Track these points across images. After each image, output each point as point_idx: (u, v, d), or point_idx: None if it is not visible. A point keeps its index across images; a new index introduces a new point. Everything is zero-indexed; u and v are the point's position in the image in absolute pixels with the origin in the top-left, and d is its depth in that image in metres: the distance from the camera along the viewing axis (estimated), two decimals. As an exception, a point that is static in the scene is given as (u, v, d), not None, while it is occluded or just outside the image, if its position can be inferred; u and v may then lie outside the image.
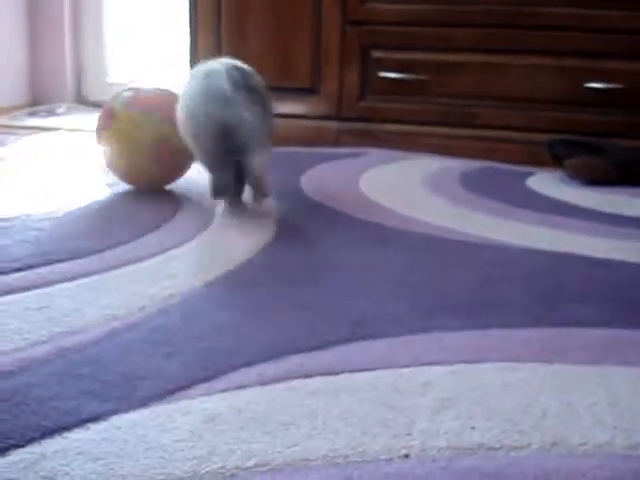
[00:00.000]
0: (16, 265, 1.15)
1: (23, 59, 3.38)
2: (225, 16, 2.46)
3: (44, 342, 0.88)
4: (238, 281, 1.12)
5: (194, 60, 2.49)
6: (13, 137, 2.57)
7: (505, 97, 2.27)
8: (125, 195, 1.66)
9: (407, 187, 1.83)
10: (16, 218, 1.44)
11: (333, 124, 2.39)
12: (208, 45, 2.48)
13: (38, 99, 3.45)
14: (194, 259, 1.22)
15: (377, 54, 2.34)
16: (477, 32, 2.25)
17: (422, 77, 2.30)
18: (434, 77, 2.29)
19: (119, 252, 1.24)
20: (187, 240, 1.32)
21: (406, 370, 0.85)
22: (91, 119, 2.97)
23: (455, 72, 2.28)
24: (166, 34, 3.39)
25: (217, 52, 2.45)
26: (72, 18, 3.43)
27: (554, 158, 2.09)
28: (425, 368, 0.86)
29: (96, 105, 3.40)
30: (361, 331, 0.94)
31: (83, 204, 1.56)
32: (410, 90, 2.32)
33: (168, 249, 1.26)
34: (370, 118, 2.36)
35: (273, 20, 2.41)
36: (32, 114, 3.22)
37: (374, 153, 2.24)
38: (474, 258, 1.29)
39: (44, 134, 2.64)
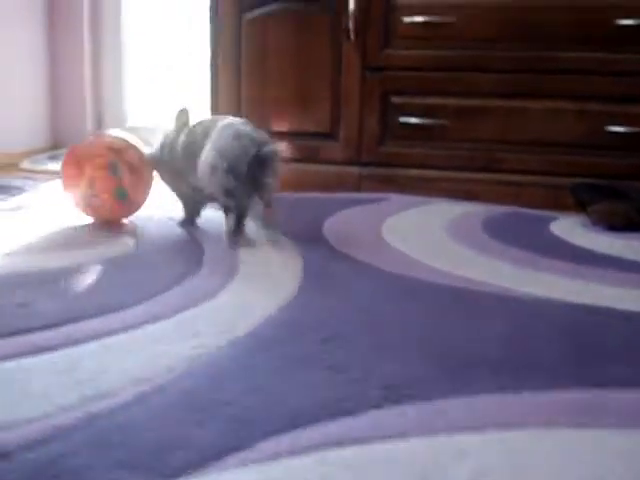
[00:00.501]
0: (43, 322, 1.15)
1: (44, 103, 3.42)
2: (245, 61, 2.48)
3: (73, 407, 0.88)
4: (264, 339, 1.11)
5: (215, 104, 2.51)
6: (32, 182, 2.58)
7: (526, 141, 2.26)
8: (146, 245, 1.66)
9: (430, 234, 1.82)
10: (42, 271, 1.44)
11: (354, 169, 2.39)
12: (229, 90, 2.50)
13: (58, 143, 3.48)
14: (218, 316, 1.21)
15: (397, 99, 2.35)
16: (498, 77, 2.25)
17: (443, 122, 2.30)
18: (455, 122, 2.29)
19: (143, 309, 1.24)
20: (211, 295, 1.32)
21: (440, 438, 0.83)
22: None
23: (476, 117, 2.28)
24: (185, 78, 3.42)
25: (237, 96, 2.47)
26: (92, 63, 3.47)
27: (577, 203, 2.08)
28: (459, 436, 0.84)
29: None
30: (392, 396, 0.93)
31: (104, 255, 1.56)
32: (431, 135, 2.32)
33: (192, 305, 1.26)
34: (391, 163, 2.36)
35: (293, 65, 2.43)
36: (52, 158, 3.25)
37: (395, 198, 2.24)
38: (502, 312, 1.27)
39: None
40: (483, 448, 0.81)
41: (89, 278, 1.40)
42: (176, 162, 1.80)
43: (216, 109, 2.52)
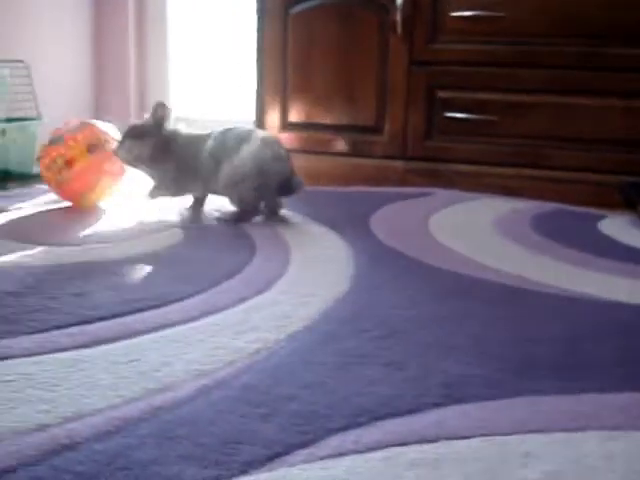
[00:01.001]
0: (101, 313, 1.16)
1: (88, 96, 3.45)
2: (291, 54, 2.47)
3: (137, 400, 0.88)
4: (321, 334, 1.11)
5: (260, 97, 2.52)
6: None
7: (574, 138, 2.24)
8: (195, 237, 1.67)
9: (478, 231, 1.81)
10: (96, 261, 1.46)
11: (398, 163, 2.38)
12: (274, 83, 2.50)
13: (103, 134, 3.50)
14: (275, 309, 1.21)
15: (443, 94, 2.33)
16: (546, 72, 2.23)
17: (489, 117, 2.28)
18: (501, 117, 2.27)
19: (199, 300, 1.25)
20: (265, 287, 1.32)
21: (506, 438, 0.82)
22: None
23: (523, 112, 2.25)
24: (230, 71, 3.42)
25: (282, 90, 2.47)
26: (137, 55, 3.49)
27: (625, 201, 2.05)
28: (525, 436, 0.83)
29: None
30: (454, 394, 0.92)
31: (155, 247, 1.57)
32: (477, 130, 2.30)
33: (248, 298, 1.26)
34: (436, 158, 2.35)
35: (339, 59, 2.42)
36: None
37: (441, 193, 2.23)
38: (557, 312, 1.26)
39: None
40: (550, 450, 0.80)
41: (142, 270, 1.41)
42: (191, 161, 1.84)
43: (261, 102, 2.52)
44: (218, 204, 1.92)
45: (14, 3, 2.89)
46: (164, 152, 1.85)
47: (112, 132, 1.97)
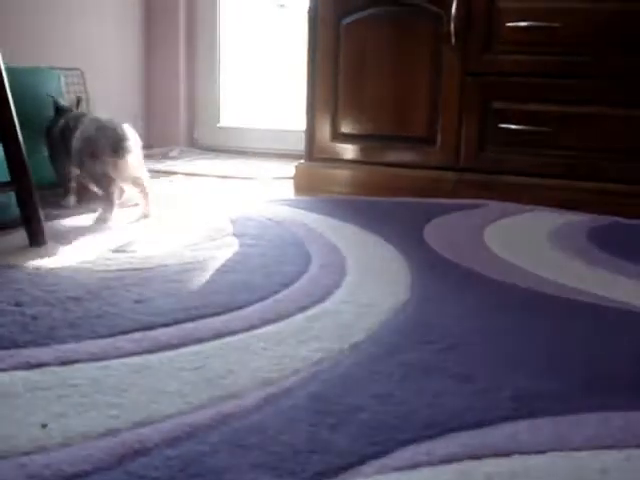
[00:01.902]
0: (163, 320, 1.17)
1: (139, 105, 3.49)
2: (343, 65, 2.48)
3: (205, 407, 0.88)
4: (383, 344, 1.10)
5: (311, 107, 2.52)
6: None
7: (629, 150, 2.20)
8: (250, 244, 1.68)
9: (534, 243, 1.79)
10: (154, 268, 1.47)
11: (450, 175, 2.37)
12: (326, 94, 2.50)
13: (152, 142, 3.55)
14: (336, 318, 1.20)
15: (497, 105, 2.31)
16: (601, 83, 2.20)
17: (543, 129, 2.26)
18: (556, 129, 2.25)
19: (259, 309, 1.24)
20: (325, 296, 1.32)
21: (580, 454, 0.81)
22: (204, 163, 3.04)
23: (578, 124, 2.23)
24: (280, 80, 3.44)
25: (334, 100, 2.48)
26: (186, 63, 3.52)
27: None
28: (599, 452, 0.81)
29: (207, 149, 3.48)
30: (525, 408, 0.90)
31: (216, 254, 1.58)
32: (531, 142, 2.28)
33: (308, 306, 1.26)
34: (489, 169, 2.33)
35: (391, 69, 2.42)
36: (147, 156, 3.31)
37: (494, 205, 2.21)
38: (621, 326, 1.23)
39: (163, 179, 2.70)
40: (626, 467, 0.78)
41: (200, 277, 1.42)
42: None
43: (312, 113, 2.53)
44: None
45: (71, 15, 2.94)
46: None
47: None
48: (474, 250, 1.71)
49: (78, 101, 2.25)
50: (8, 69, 1.56)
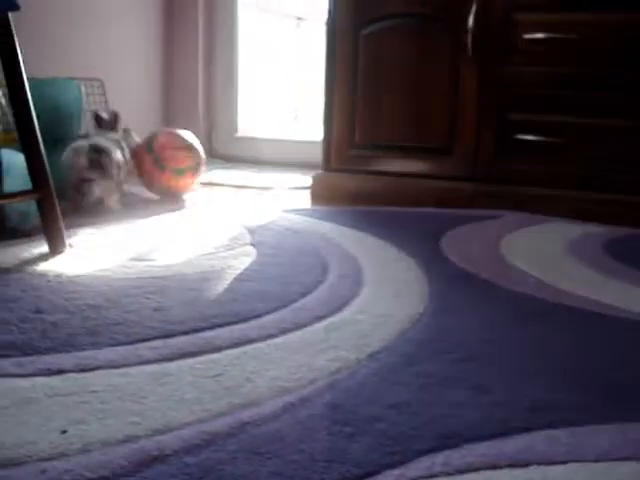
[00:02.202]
0: (182, 328, 1.18)
1: (159, 116, 3.51)
2: (361, 75, 2.48)
3: (224, 414, 0.89)
4: (400, 355, 1.10)
5: (329, 117, 2.53)
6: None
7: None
8: (267, 254, 1.68)
9: (551, 254, 1.78)
10: (173, 277, 1.48)
11: (467, 185, 2.37)
12: (343, 104, 2.51)
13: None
14: (353, 328, 1.21)
15: (515, 116, 2.31)
16: (617, 95, 2.19)
17: (561, 140, 2.25)
18: (573, 140, 2.24)
19: (277, 318, 1.25)
20: (342, 306, 1.33)
21: (597, 465, 0.81)
22: (222, 173, 3.06)
23: (595, 135, 2.22)
24: (299, 92, 3.46)
25: (351, 110, 2.48)
26: (205, 73, 3.54)
27: None
28: (615, 464, 0.81)
29: (225, 159, 3.50)
30: (541, 419, 0.90)
31: (234, 263, 1.59)
32: (548, 153, 2.28)
33: (326, 315, 1.27)
34: (506, 180, 2.33)
35: (409, 80, 2.42)
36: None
37: (511, 216, 2.21)
38: (638, 337, 1.23)
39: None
40: (644, 479, 0.78)
41: (218, 286, 1.43)
42: None
43: (330, 123, 2.54)
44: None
45: (92, 26, 2.97)
46: None
47: None
48: (491, 261, 1.71)
49: (115, 116, 2.35)
50: (29, 80, 1.57)
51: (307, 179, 2.72)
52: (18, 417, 0.88)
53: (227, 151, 3.59)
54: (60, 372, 1.01)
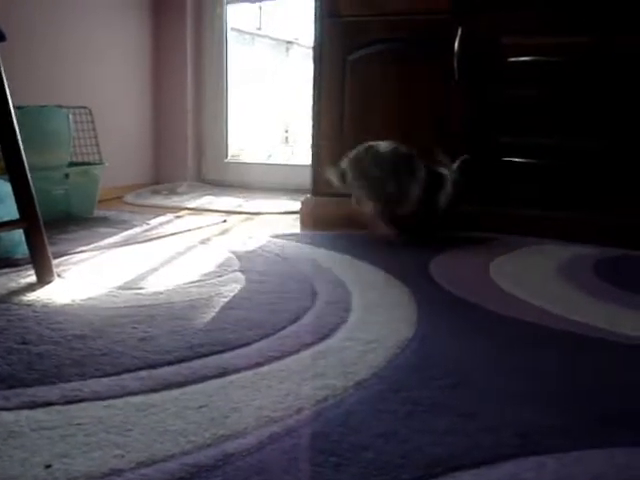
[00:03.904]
0: (168, 358, 1.17)
1: (148, 142, 3.52)
2: (348, 100, 2.50)
3: (209, 446, 0.88)
4: (388, 382, 1.10)
5: (317, 143, 2.54)
6: (139, 216, 2.64)
7: (635, 183, 2.20)
8: (256, 280, 1.68)
9: (541, 277, 1.79)
10: (160, 305, 1.47)
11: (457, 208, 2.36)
12: (331, 128, 2.52)
13: (160, 178, 3.57)
14: (340, 355, 1.20)
15: (502, 139, 2.32)
16: (603, 117, 2.21)
17: (548, 162, 2.26)
18: (560, 162, 2.26)
19: (264, 346, 1.24)
20: (329, 333, 1.32)
21: (585, 493, 0.80)
22: (211, 199, 3.05)
23: (582, 157, 2.23)
24: (287, 116, 3.47)
25: (340, 135, 2.49)
26: (195, 100, 3.55)
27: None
28: (604, 491, 0.81)
29: (213, 184, 3.50)
30: (529, 445, 0.90)
31: (222, 290, 1.58)
32: (536, 175, 2.28)
33: (313, 343, 1.26)
34: (494, 203, 2.33)
35: (396, 104, 2.45)
36: (155, 192, 3.34)
37: (501, 239, 2.21)
38: (627, 361, 1.22)
39: (169, 215, 2.72)
40: (633, 506, 0.78)
41: (206, 314, 1.42)
42: None
43: (318, 147, 2.54)
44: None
45: (79, 54, 2.98)
46: None
47: None
48: (480, 285, 1.71)
49: None
50: (17, 108, 1.58)
51: (297, 204, 2.72)
52: (2, 451, 0.87)
53: (217, 176, 3.60)
54: (45, 404, 1.00)
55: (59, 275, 1.70)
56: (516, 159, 2.29)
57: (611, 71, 2.18)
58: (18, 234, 1.76)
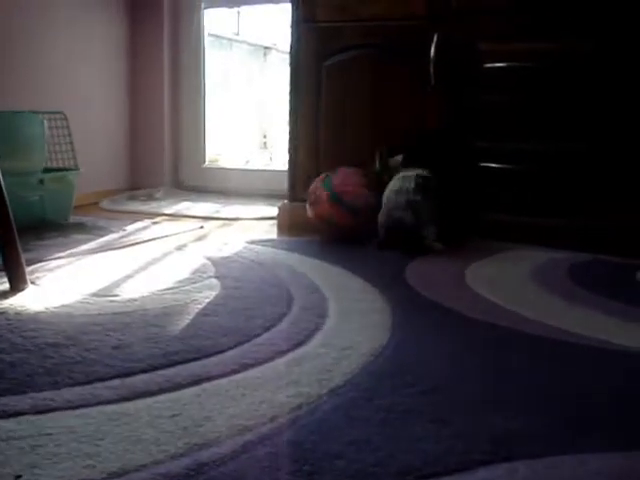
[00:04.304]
0: (142, 366, 1.16)
1: (124, 148, 3.50)
2: (324, 106, 2.50)
3: (181, 455, 0.88)
4: (362, 389, 1.10)
5: (294, 150, 2.54)
6: (115, 222, 2.63)
7: (611, 187, 2.22)
8: (235, 288, 1.67)
9: (516, 281, 1.80)
10: (135, 312, 1.46)
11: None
12: (307, 133, 2.52)
13: (136, 184, 3.55)
14: (315, 362, 1.20)
15: (478, 144, 2.34)
16: (581, 122, 2.22)
17: (524, 167, 2.28)
18: (536, 167, 2.27)
19: (239, 353, 1.24)
20: (305, 340, 1.32)
21: (557, 499, 0.80)
22: (188, 205, 3.04)
23: (558, 162, 2.25)
24: (264, 121, 3.47)
25: (316, 140, 2.49)
26: (171, 106, 3.54)
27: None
28: (575, 496, 0.81)
29: (191, 189, 3.49)
30: (502, 451, 0.90)
31: (197, 297, 1.58)
32: (512, 180, 2.30)
33: (287, 350, 1.26)
34: (473, 208, 2.34)
35: (372, 109, 2.46)
36: (132, 197, 3.32)
37: (476, 244, 2.22)
38: (600, 365, 1.23)
39: (146, 221, 2.70)
40: (603, 512, 0.78)
41: (180, 321, 1.41)
42: None
43: (294, 152, 2.54)
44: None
45: (54, 58, 2.96)
46: None
47: None
48: (456, 289, 1.71)
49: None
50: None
51: (274, 209, 2.72)
52: (-29, 463, 0.86)
53: (194, 182, 3.59)
54: (16, 414, 0.99)
55: (33, 282, 1.69)
56: (492, 164, 2.30)
57: (585, 76, 2.19)
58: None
